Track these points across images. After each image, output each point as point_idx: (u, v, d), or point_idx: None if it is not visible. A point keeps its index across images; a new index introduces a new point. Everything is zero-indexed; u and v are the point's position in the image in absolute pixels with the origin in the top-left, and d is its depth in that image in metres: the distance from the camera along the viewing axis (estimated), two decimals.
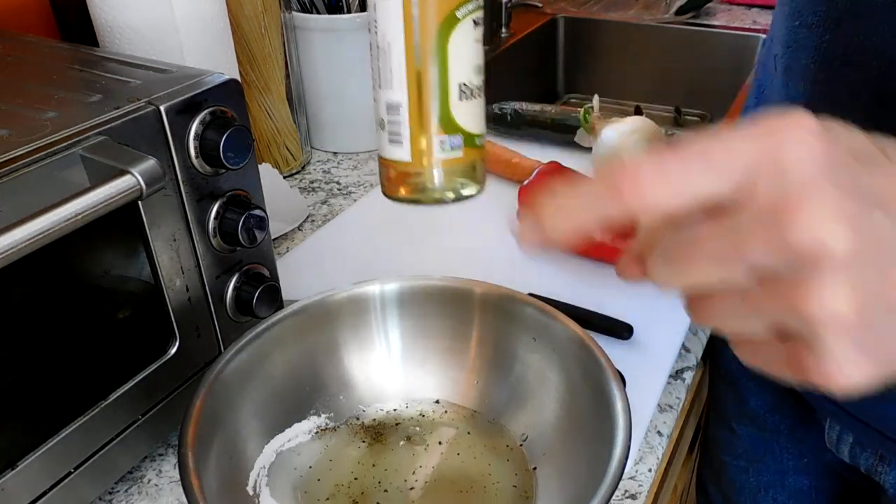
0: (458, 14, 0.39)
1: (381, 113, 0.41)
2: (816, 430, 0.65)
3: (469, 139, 0.42)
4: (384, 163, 0.42)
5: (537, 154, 0.88)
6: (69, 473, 0.47)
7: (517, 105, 0.95)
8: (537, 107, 0.95)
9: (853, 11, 0.46)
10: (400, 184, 0.43)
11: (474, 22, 0.40)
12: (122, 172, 0.41)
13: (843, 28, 0.47)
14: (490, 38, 1.39)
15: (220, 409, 0.46)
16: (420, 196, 0.43)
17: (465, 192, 0.44)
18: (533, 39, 1.49)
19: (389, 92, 0.40)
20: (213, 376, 0.46)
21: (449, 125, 0.41)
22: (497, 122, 0.96)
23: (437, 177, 0.42)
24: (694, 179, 0.23)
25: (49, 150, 0.41)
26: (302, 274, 0.73)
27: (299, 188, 0.91)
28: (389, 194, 0.43)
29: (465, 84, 0.41)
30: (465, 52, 0.40)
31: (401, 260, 0.75)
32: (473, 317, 0.54)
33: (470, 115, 0.42)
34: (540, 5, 1.55)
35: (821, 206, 0.21)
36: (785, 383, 0.24)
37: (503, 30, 1.45)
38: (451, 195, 0.43)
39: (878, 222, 0.22)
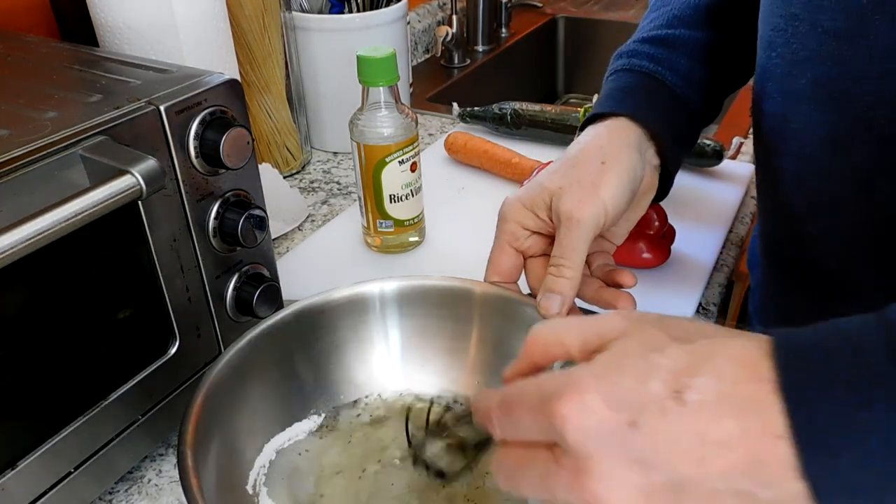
0: (387, 160, 0.69)
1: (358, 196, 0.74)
2: None
3: (398, 223, 0.73)
4: (364, 225, 0.75)
5: (537, 154, 0.88)
6: (69, 473, 0.47)
7: (517, 105, 0.95)
8: (537, 107, 0.95)
9: None
10: (369, 238, 0.76)
11: (399, 162, 0.70)
12: (122, 172, 0.41)
13: None
14: (490, 38, 1.39)
15: (219, 409, 0.46)
16: (381, 248, 0.76)
17: (412, 239, 0.76)
18: (533, 39, 1.49)
19: (358, 191, 0.73)
20: (213, 375, 0.46)
21: (384, 214, 0.73)
22: (497, 122, 0.96)
23: (381, 241, 0.75)
24: (515, 432, 0.32)
25: (49, 150, 0.41)
26: (302, 274, 0.73)
27: (299, 188, 0.91)
28: (368, 242, 0.77)
29: (393, 195, 0.71)
30: (393, 179, 0.70)
31: (401, 260, 0.75)
32: (473, 317, 0.54)
33: (399, 209, 0.72)
34: (540, 5, 1.55)
35: (602, 482, 0.29)
36: None
37: (503, 30, 1.45)
38: (398, 248, 0.75)
39: (653, 483, 0.28)
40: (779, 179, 0.53)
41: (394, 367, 0.55)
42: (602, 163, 0.50)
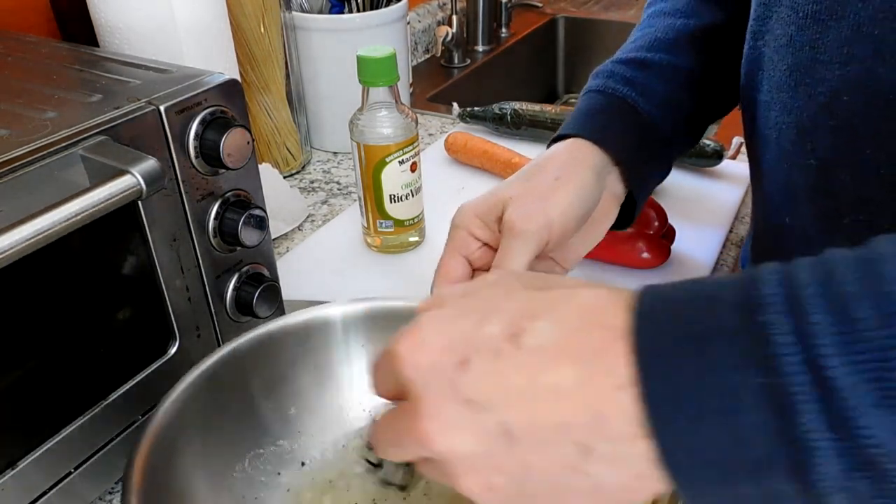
0: (387, 160, 0.69)
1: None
2: None
3: (398, 223, 0.73)
4: (364, 225, 0.75)
5: (537, 154, 0.88)
6: (69, 473, 0.47)
7: (517, 105, 0.95)
8: (537, 107, 0.95)
9: None
10: (369, 238, 0.76)
11: (399, 162, 0.69)
12: (122, 172, 0.41)
13: None
14: (490, 38, 1.39)
15: (164, 461, 0.41)
16: (381, 248, 0.75)
17: (412, 239, 0.76)
18: (533, 39, 1.49)
19: (358, 191, 0.73)
20: (154, 425, 0.42)
21: (384, 214, 0.72)
22: (497, 122, 0.96)
23: (381, 241, 0.75)
24: (380, 384, 0.32)
25: (49, 150, 0.41)
26: (302, 274, 0.73)
27: (299, 188, 0.91)
28: (368, 242, 0.76)
29: (393, 195, 0.71)
30: (393, 179, 0.70)
31: (401, 260, 0.75)
32: None
33: (399, 209, 0.72)
34: (540, 5, 1.55)
35: (431, 421, 0.28)
36: None
37: (503, 30, 1.45)
38: (398, 248, 0.75)
39: (485, 426, 0.27)
40: (758, 169, 0.53)
41: (357, 402, 0.51)
42: (556, 178, 0.49)
